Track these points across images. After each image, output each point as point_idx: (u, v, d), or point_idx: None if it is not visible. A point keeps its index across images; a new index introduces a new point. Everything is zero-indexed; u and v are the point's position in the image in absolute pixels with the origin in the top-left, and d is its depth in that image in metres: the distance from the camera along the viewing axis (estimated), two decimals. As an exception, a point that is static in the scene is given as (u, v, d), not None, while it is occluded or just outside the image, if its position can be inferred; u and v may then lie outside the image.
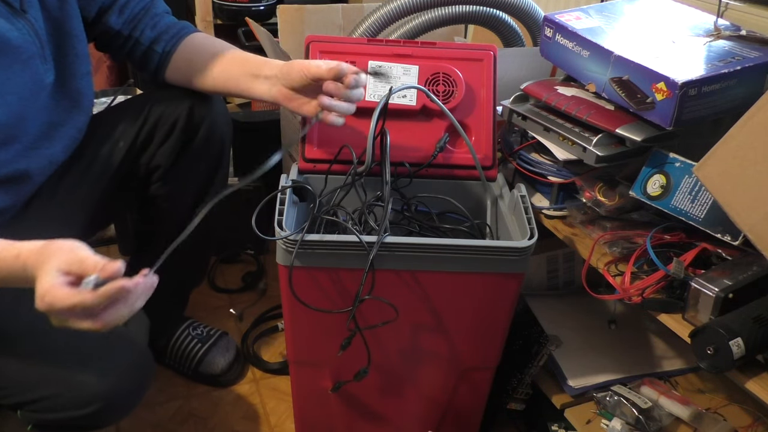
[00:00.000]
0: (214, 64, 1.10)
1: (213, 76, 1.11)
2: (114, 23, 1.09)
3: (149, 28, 1.12)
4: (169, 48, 1.13)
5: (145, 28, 1.12)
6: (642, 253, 0.94)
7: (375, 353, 0.99)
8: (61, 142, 1.03)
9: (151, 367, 0.98)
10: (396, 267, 0.94)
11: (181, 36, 1.13)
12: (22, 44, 0.93)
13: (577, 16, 1.10)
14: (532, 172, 1.11)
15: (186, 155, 1.16)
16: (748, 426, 1.07)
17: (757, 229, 0.79)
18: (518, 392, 1.18)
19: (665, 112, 0.93)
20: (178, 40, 1.13)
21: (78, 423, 0.90)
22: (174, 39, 1.13)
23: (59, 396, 0.88)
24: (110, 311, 0.72)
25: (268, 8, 2.09)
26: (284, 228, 0.92)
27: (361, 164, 1.01)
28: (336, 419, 1.15)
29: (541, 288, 1.32)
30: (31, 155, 0.98)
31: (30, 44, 0.94)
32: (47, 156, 1.01)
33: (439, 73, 1.08)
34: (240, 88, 1.09)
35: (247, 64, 1.09)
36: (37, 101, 0.98)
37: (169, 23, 1.14)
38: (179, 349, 1.37)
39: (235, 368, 1.39)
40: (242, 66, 1.09)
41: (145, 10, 1.12)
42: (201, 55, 1.12)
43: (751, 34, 1.05)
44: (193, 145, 1.15)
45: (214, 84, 1.11)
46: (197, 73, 1.12)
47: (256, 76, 1.06)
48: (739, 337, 0.77)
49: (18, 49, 0.92)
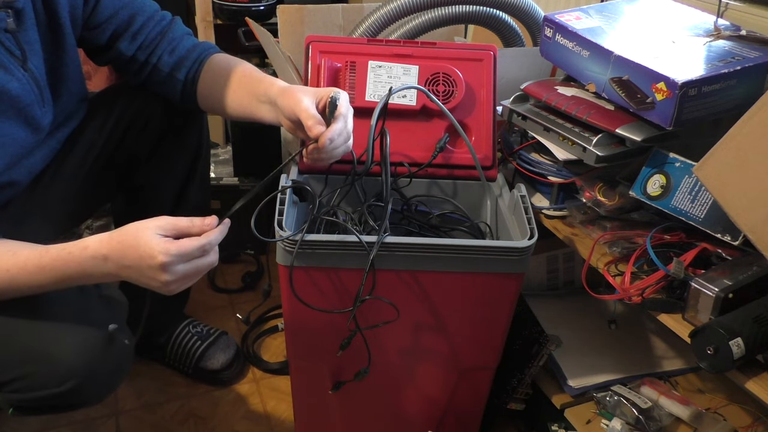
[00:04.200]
0: (228, 90, 1.07)
1: (229, 104, 1.08)
2: (126, 49, 1.07)
3: (167, 53, 1.09)
4: (192, 75, 1.09)
5: (162, 53, 1.09)
6: (642, 253, 0.94)
7: (375, 353, 0.99)
8: (41, 155, 1.05)
9: (129, 347, 0.96)
10: (396, 267, 0.94)
11: (202, 60, 1.10)
12: (21, 94, 0.94)
13: (577, 16, 1.10)
14: (532, 172, 1.11)
15: (164, 145, 1.16)
16: (748, 426, 1.07)
17: (758, 229, 0.79)
18: (518, 392, 1.18)
19: (665, 112, 0.93)
20: (200, 66, 1.09)
21: (57, 402, 0.89)
22: (195, 64, 1.09)
23: (35, 373, 0.87)
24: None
25: (268, 8, 2.09)
26: (284, 228, 0.92)
27: (361, 164, 1.01)
28: (336, 419, 1.15)
29: (541, 288, 1.32)
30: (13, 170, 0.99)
31: (29, 92, 0.95)
32: (27, 168, 1.03)
33: (439, 73, 1.07)
34: (254, 115, 1.05)
35: (252, 87, 1.05)
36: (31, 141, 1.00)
37: (188, 47, 1.10)
38: (179, 347, 1.38)
39: (235, 366, 1.39)
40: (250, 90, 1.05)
41: (162, 35, 1.09)
42: (218, 81, 1.08)
43: (751, 34, 1.05)
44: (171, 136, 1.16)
45: (234, 112, 1.08)
46: (218, 101, 1.09)
47: (261, 101, 1.02)
48: (739, 337, 0.77)
49: (17, 99, 0.93)
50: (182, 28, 1.12)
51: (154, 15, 1.09)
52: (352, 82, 1.07)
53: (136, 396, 1.34)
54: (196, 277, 0.85)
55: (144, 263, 0.80)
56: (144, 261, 0.80)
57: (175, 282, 0.82)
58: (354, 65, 1.07)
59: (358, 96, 1.06)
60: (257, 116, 1.04)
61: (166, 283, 0.82)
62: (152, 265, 0.80)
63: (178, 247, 0.80)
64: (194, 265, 0.82)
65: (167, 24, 1.10)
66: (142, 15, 1.07)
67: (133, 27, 1.07)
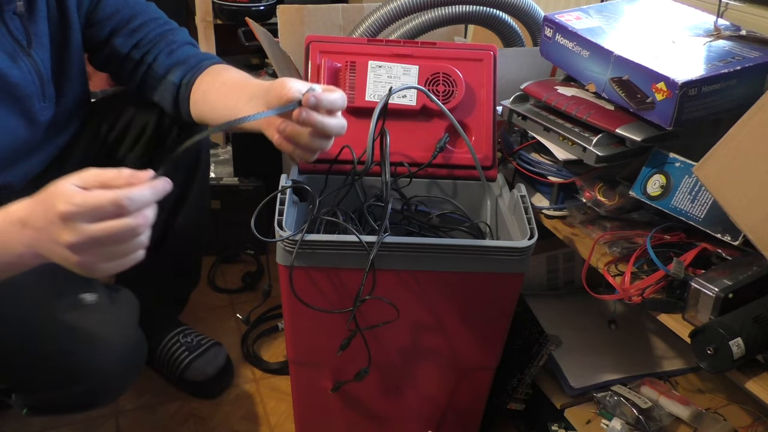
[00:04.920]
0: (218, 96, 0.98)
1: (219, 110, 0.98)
2: (121, 45, 1.04)
3: (164, 54, 1.05)
4: (188, 79, 1.02)
5: (159, 53, 1.05)
6: (642, 253, 0.94)
7: (375, 353, 0.99)
8: (38, 158, 1.04)
9: (143, 346, 0.96)
10: (396, 267, 0.94)
11: (201, 67, 1.03)
12: (20, 82, 0.92)
13: (577, 16, 1.10)
14: (532, 172, 1.11)
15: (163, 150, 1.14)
16: (748, 426, 1.07)
17: (758, 229, 0.79)
18: (518, 392, 1.18)
19: (665, 112, 0.93)
20: (197, 72, 1.02)
21: (72, 402, 0.89)
22: (193, 70, 1.03)
23: (52, 373, 0.87)
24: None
25: (268, 8, 2.09)
26: (284, 228, 0.92)
27: (361, 164, 1.01)
28: (336, 419, 1.15)
29: (541, 288, 1.32)
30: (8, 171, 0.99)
31: (30, 83, 0.94)
32: (23, 170, 1.02)
33: (439, 73, 1.07)
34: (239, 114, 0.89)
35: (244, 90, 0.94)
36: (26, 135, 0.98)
37: (189, 53, 1.06)
38: (166, 355, 1.35)
39: (223, 379, 1.36)
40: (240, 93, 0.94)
41: (161, 36, 1.06)
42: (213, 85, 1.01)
43: (751, 34, 1.05)
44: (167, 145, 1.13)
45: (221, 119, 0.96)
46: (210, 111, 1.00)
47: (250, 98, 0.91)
48: (739, 337, 0.77)
49: (16, 86, 0.92)
50: (185, 37, 1.09)
51: (157, 19, 1.08)
52: (352, 82, 1.07)
53: (136, 396, 1.34)
54: (112, 248, 0.65)
55: (47, 219, 0.64)
56: (48, 215, 0.63)
57: (81, 247, 0.63)
58: (354, 65, 1.07)
59: (358, 96, 1.06)
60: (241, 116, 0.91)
61: (70, 246, 0.63)
62: (52, 219, 0.63)
63: (84, 197, 0.62)
64: (105, 226, 0.63)
65: (170, 29, 1.08)
66: (143, 15, 1.06)
67: (132, 24, 1.05)
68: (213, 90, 1.00)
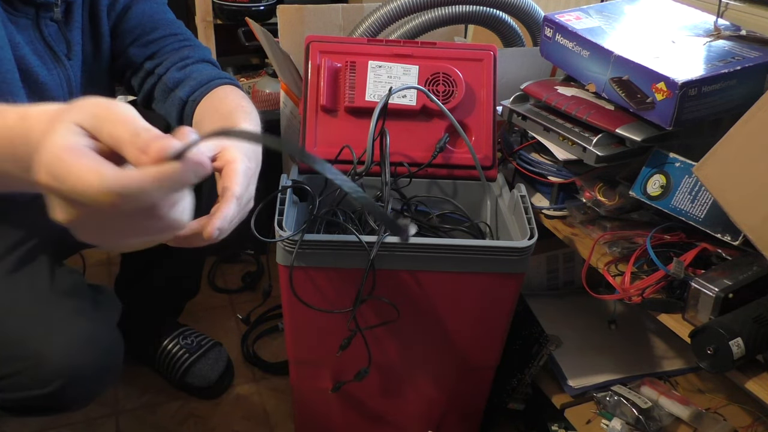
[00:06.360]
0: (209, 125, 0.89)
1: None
2: (135, 55, 1.03)
3: (177, 68, 1.02)
4: (194, 98, 0.99)
5: (172, 67, 1.02)
6: (642, 253, 0.94)
7: (375, 353, 0.99)
8: None
9: (119, 349, 0.93)
10: (396, 267, 0.94)
11: (210, 87, 0.99)
12: (48, 82, 0.91)
13: (577, 16, 1.10)
14: (532, 172, 1.11)
15: None
16: (748, 426, 1.07)
17: (757, 229, 0.79)
18: (518, 392, 1.18)
19: (665, 112, 0.93)
20: (207, 90, 0.99)
21: (42, 403, 0.86)
22: (202, 87, 0.99)
23: (19, 373, 0.85)
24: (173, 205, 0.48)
25: (268, 8, 2.09)
26: (284, 228, 0.92)
27: (361, 164, 1.01)
28: (336, 419, 1.15)
29: (541, 288, 1.32)
30: None
31: (58, 87, 0.93)
32: None
33: (439, 73, 1.08)
34: None
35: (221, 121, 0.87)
36: None
37: (202, 70, 1.02)
38: (167, 357, 1.35)
39: (224, 381, 1.36)
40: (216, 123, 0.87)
41: (177, 51, 1.04)
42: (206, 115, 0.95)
43: (751, 34, 1.05)
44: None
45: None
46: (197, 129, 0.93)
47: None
48: (739, 337, 0.77)
49: (44, 86, 0.91)
50: (203, 55, 1.05)
51: (178, 34, 1.05)
52: (352, 82, 1.07)
53: (136, 396, 1.34)
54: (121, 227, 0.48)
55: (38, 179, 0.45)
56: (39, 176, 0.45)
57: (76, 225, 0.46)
58: (354, 65, 1.07)
59: (358, 96, 1.06)
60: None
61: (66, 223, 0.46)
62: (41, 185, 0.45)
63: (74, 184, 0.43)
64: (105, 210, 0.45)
65: (188, 45, 1.05)
66: (164, 29, 1.04)
67: (151, 36, 1.03)
68: (207, 117, 0.95)
